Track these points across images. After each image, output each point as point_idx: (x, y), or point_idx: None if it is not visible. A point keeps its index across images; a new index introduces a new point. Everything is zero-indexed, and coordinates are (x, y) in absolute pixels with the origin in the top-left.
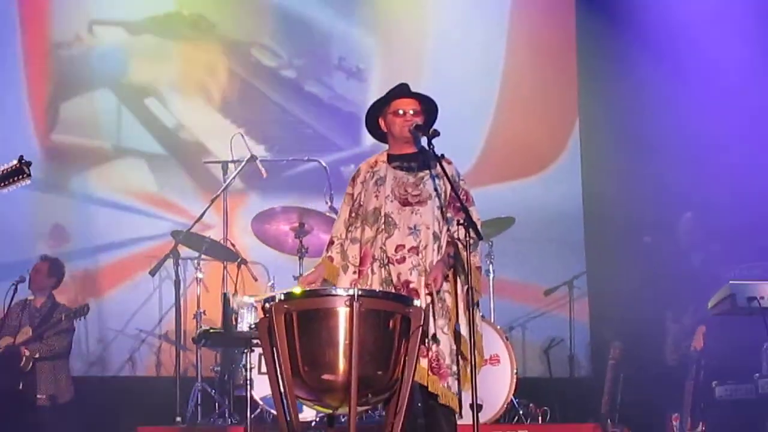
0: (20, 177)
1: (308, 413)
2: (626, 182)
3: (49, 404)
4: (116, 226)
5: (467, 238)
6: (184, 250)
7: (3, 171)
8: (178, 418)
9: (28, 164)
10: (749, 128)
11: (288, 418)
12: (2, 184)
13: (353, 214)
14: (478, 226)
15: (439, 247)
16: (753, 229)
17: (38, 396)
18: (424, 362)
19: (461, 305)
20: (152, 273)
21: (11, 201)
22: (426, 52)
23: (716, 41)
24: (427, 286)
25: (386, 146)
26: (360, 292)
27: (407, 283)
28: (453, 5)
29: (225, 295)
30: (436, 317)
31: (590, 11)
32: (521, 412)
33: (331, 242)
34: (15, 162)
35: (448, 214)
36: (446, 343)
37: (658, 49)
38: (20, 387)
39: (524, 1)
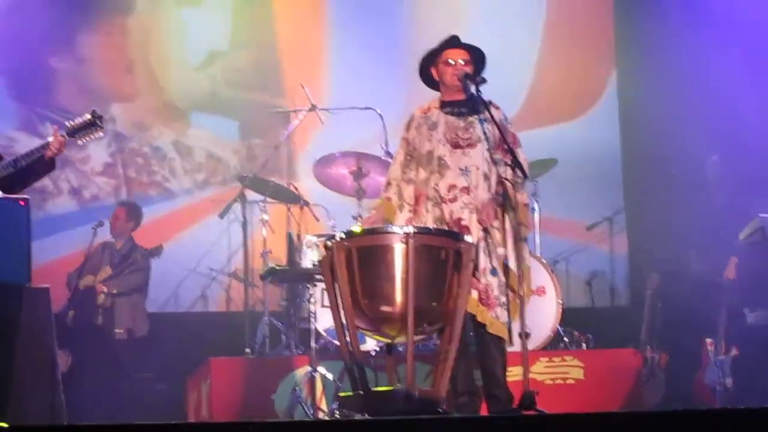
0: (93, 130)
1: (369, 343)
2: (661, 124)
3: (126, 337)
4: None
5: (514, 178)
6: (250, 194)
7: (77, 124)
8: (248, 350)
9: (101, 118)
10: None
11: (350, 348)
12: (76, 135)
13: (408, 157)
14: (525, 167)
15: (489, 187)
16: None
17: (116, 330)
18: (474, 294)
19: (510, 240)
20: (221, 215)
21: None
22: (474, 7)
23: None
24: (479, 221)
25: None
26: (414, 229)
27: (459, 220)
28: None
29: (290, 234)
30: (491, 251)
31: None
32: (566, 339)
33: (389, 184)
34: (88, 116)
35: (497, 156)
36: (495, 276)
37: (693, 3)
38: (99, 322)
39: None
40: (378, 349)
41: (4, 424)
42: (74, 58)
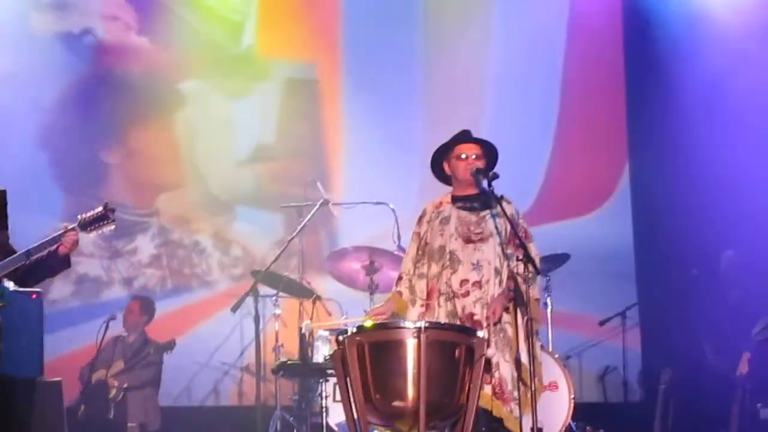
0: (105, 222)
1: None
2: (673, 219)
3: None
4: (200, 266)
5: (526, 273)
6: (263, 288)
7: (89, 217)
8: None
9: (113, 210)
10: None
11: None
12: (88, 229)
13: (420, 252)
14: (537, 262)
15: (500, 282)
16: None
17: (129, 424)
18: (487, 389)
19: (521, 335)
20: (233, 309)
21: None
22: (486, 100)
23: (758, 87)
24: (487, 318)
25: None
26: (427, 324)
27: (471, 315)
28: (509, 56)
29: (301, 329)
30: (498, 347)
31: (638, 61)
32: None
33: (400, 278)
34: (100, 208)
35: (509, 251)
36: (508, 371)
37: (703, 95)
38: (111, 415)
39: (576, 53)
40: None
41: None
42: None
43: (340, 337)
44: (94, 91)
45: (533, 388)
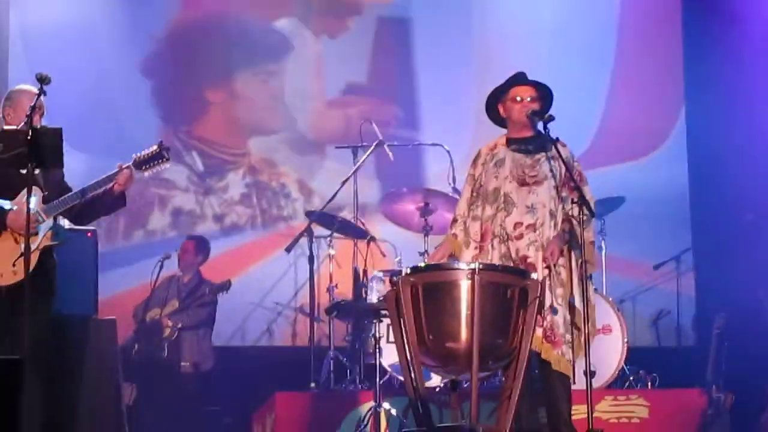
0: (160, 161)
1: (434, 379)
2: (729, 163)
3: (192, 371)
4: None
5: (581, 215)
6: (317, 229)
7: (143, 156)
8: (313, 384)
9: (168, 149)
10: None
11: (414, 384)
12: (143, 168)
13: (475, 194)
14: (591, 204)
15: (555, 224)
16: None
17: (182, 363)
18: (539, 331)
19: (575, 278)
20: (288, 250)
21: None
22: (542, 45)
23: None
24: (544, 259)
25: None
26: (480, 266)
27: (525, 257)
28: (567, 2)
29: (356, 269)
30: (553, 289)
31: (696, 1)
32: (631, 378)
33: (455, 220)
34: (155, 147)
35: (563, 194)
36: (561, 314)
37: (764, 38)
38: (165, 354)
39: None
40: (442, 385)
41: None
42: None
43: (394, 278)
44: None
45: (586, 332)
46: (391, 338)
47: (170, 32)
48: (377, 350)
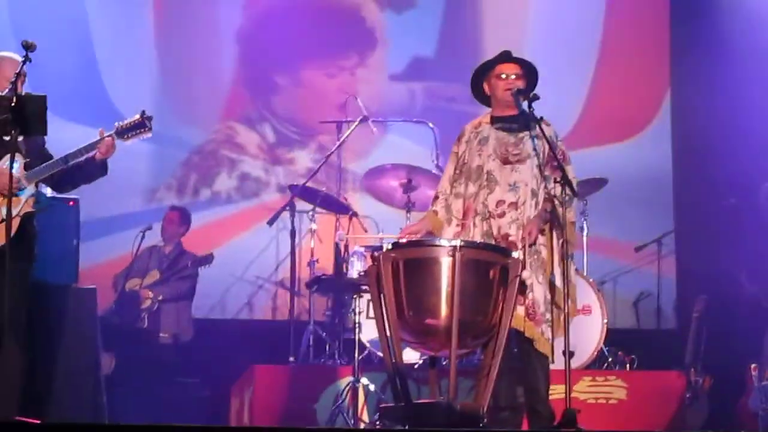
0: (142, 130)
1: (412, 355)
2: (713, 147)
3: (171, 342)
4: (237, 179)
5: (563, 195)
6: (299, 203)
7: (126, 125)
8: (291, 358)
9: (150, 118)
10: None
11: (393, 360)
12: (125, 136)
13: (458, 171)
14: (574, 184)
15: (537, 204)
16: None
17: (161, 334)
18: (521, 310)
19: (556, 257)
20: (270, 223)
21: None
22: (528, 22)
23: None
24: (522, 239)
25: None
26: (462, 243)
27: (506, 236)
28: None
29: (337, 244)
30: (533, 268)
31: None
32: (610, 359)
33: (436, 197)
34: (137, 116)
35: (546, 173)
36: (541, 293)
37: (749, 24)
38: (145, 325)
39: None
40: (421, 361)
41: (36, 420)
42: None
43: (375, 253)
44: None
45: (566, 311)
46: (371, 313)
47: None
48: (357, 325)
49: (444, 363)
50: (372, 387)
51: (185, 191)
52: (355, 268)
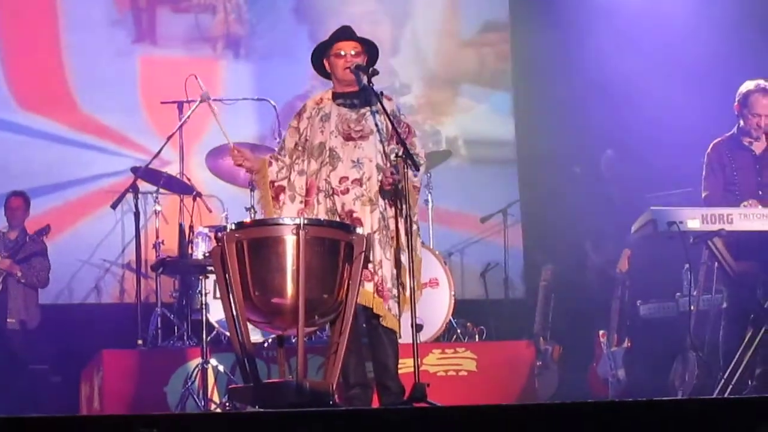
0: None
1: (260, 334)
2: (555, 118)
3: (19, 328)
4: (78, 163)
5: (404, 169)
6: (143, 185)
7: None
8: (140, 341)
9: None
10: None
11: (241, 340)
12: None
13: (300, 148)
14: (418, 159)
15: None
16: (668, 163)
17: (8, 320)
18: (369, 286)
19: (402, 231)
20: (113, 206)
21: None
22: None
23: None
24: (385, 184)
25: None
26: (306, 221)
27: (351, 212)
28: None
29: (181, 225)
30: (381, 245)
31: None
32: (459, 331)
33: (276, 158)
34: None
35: (390, 147)
36: (388, 268)
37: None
38: None
39: None
40: (269, 341)
41: None
42: None
43: (219, 234)
44: None
45: (412, 286)
46: (218, 294)
47: None
48: (204, 306)
49: (292, 341)
50: (221, 368)
51: (27, 177)
52: (200, 249)
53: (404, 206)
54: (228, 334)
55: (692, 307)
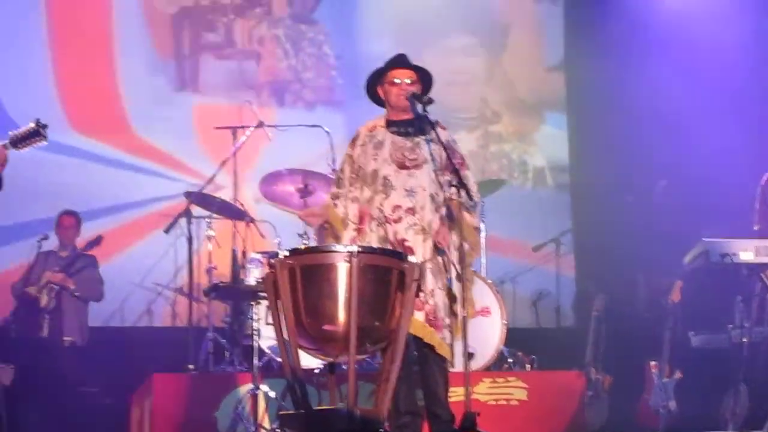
0: (36, 138)
1: (312, 361)
2: (609, 148)
3: (71, 347)
4: (132, 186)
5: (459, 199)
6: (196, 210)
7: (21, 133)
8: (191, 366)
9: (44, 126)
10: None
11: (292, 366)
12: (19, 145)
13: (354, 175)
14: (472, 189)
15: (437, 208)
16: (721, 194)
17: (65, 338)
18: (420, 315)
19: (455, 261)
20: (166, 231)
21: (30, 162)
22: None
23: (701, 21)
24: (437, 243)
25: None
26: (359, 249)
27: (403, 240)
28: None
29: (234, 251)
30: (433, 274)
31: None
32: (510, 360)
33: (336, 196)
34: (32, 124)
35: (444, 177)
36: (441, 298)
37: (646, 25)
38: (45, 333)
39: None
40: (320, 367)
41: None
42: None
43: (272, 260)
44: None
45: (465, 314)
46: (270, 320)
47: None
48: (256, 332)
49: (343, 368)
50: (272, 394)
51: (81, 199)
52: (253, 274)
53: (458, 237)
54: (280, 359)
55: (744, 339)
